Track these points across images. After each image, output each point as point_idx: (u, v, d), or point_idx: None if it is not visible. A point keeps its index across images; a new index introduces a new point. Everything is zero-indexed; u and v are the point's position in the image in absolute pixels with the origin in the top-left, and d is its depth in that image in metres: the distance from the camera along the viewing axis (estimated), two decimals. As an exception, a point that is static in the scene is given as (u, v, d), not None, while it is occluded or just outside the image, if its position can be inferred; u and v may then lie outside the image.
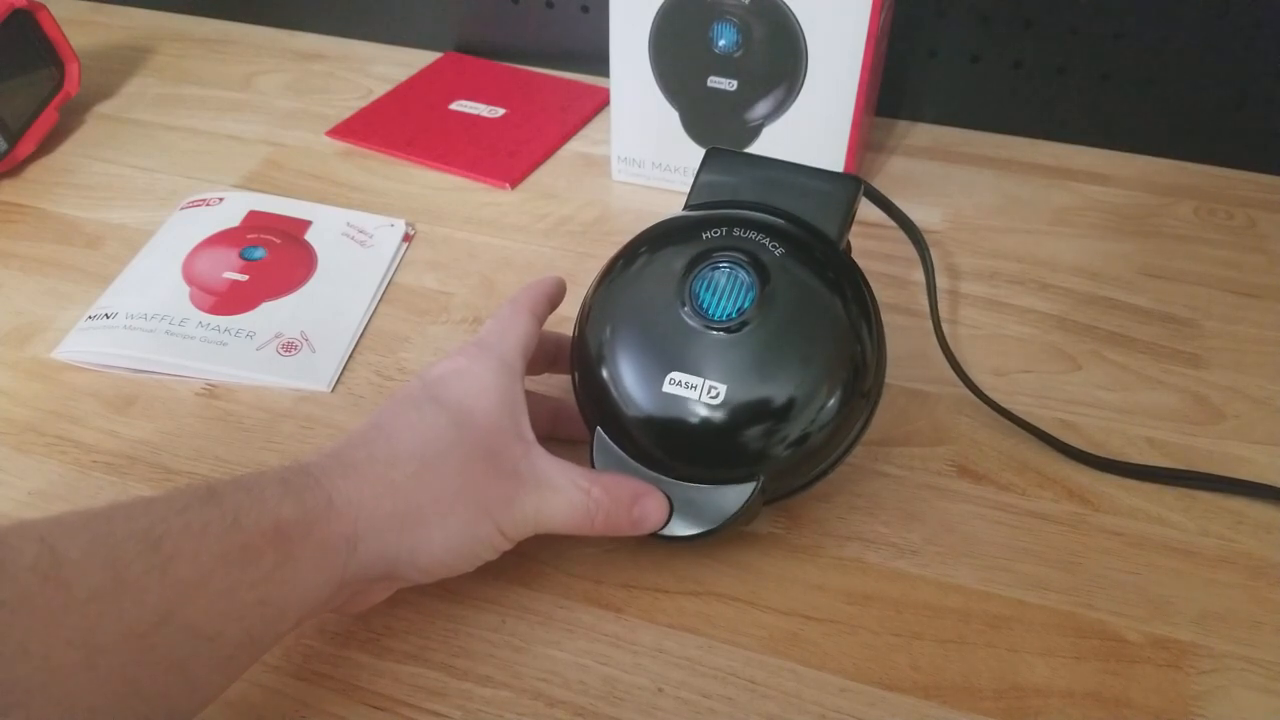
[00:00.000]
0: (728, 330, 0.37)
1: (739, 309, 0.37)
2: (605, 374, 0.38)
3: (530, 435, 0.37)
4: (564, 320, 0.42)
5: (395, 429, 0.35)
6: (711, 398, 0.36)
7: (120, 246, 0.58)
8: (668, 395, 0.37)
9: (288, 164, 0.67)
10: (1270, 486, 0.43)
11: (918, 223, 0.46)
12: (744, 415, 0.36)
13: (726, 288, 0.38)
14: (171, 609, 0.27)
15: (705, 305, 0.38)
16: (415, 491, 0.33)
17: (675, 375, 0.37)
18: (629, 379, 0.38)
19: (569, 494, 0.35)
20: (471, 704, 0.36)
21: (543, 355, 0.43)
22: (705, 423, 0.36)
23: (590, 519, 0.36)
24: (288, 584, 0.30)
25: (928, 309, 0.47)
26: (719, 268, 0.38)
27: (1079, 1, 0.63)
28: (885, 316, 0.40)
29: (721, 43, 0.57)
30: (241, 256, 0.56)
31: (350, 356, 0.51)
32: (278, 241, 0.58)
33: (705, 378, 0.37)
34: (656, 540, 0.38)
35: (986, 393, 0.47)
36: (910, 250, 0.58)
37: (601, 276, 0.41)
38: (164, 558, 0.27)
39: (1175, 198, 0.64)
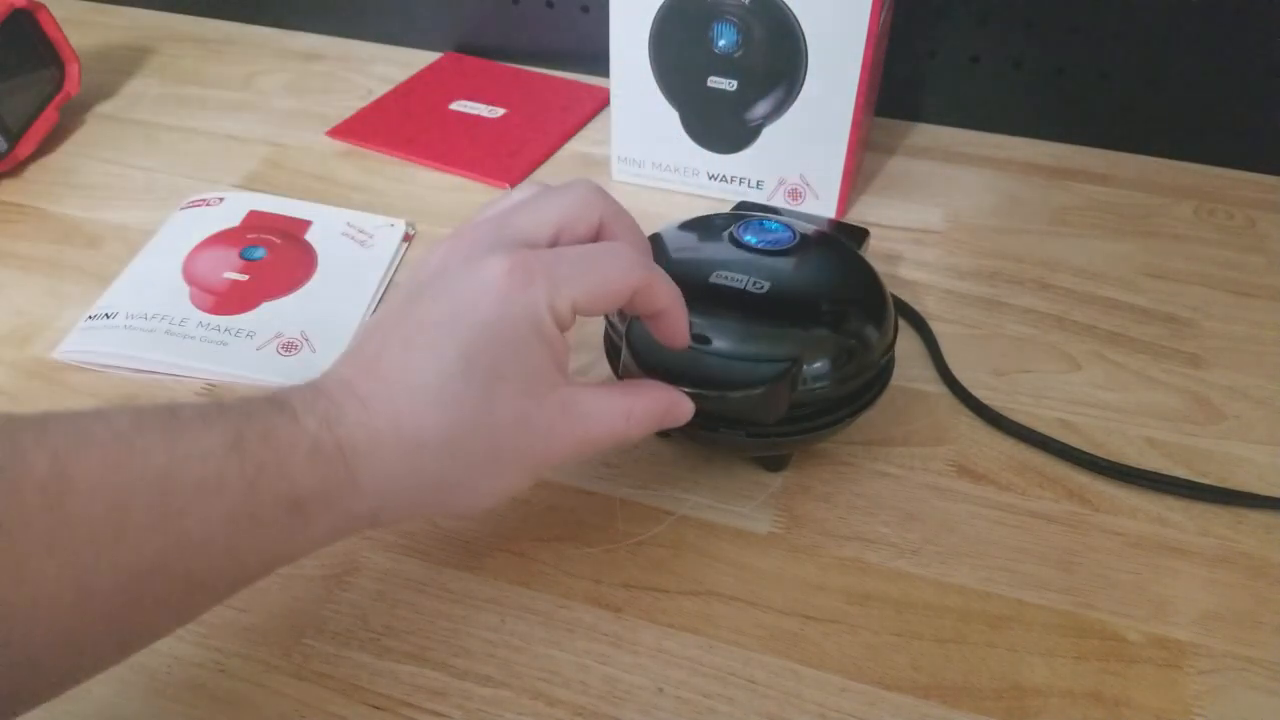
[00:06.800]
0: (773, 253, 0.42)
1: (783, 242, 0.43)
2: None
3: (565, 370, 0.34)
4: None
5: (422, 390, 0.31)
6: (756, 289, 0.40)
7: (120, 246, 0.58)
8: (714, 285, 0.41)
9: (288, 164, 0.67)
10: (1270, 498, 0.43)
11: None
12: (784, 303, 0.41)
13: (771, 230, 0.43)
14: (169, 561, 0.27)
15: (752, 241, 0.43)
16: (445, 469, 0.32)
17: (722, 273, 0.41)
18: (677, 273, 0.37)
19: (611, 423, 0.34)
20: (471, 704, 0.36)
21: None
22: (751, 306, 0.40)
23: (628, 436, 0.35)
24: (297, 545, 0.30)
25: (928, 311, 0.47)
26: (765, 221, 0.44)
27: (1078, 1, 0.63)
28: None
29: (721, 43, 0.57)
30: (242, 256, 0.56)
31: (350, 356, 0.51)
32: (278, 241, 0.58)
33: (751, 275, 0.41)
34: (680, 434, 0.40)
35: (986, 395, 0.47)
36: (912, 249, 0.58)
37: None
38: (172, 511, 0.26)
39: (1175, 198, 0.64)
